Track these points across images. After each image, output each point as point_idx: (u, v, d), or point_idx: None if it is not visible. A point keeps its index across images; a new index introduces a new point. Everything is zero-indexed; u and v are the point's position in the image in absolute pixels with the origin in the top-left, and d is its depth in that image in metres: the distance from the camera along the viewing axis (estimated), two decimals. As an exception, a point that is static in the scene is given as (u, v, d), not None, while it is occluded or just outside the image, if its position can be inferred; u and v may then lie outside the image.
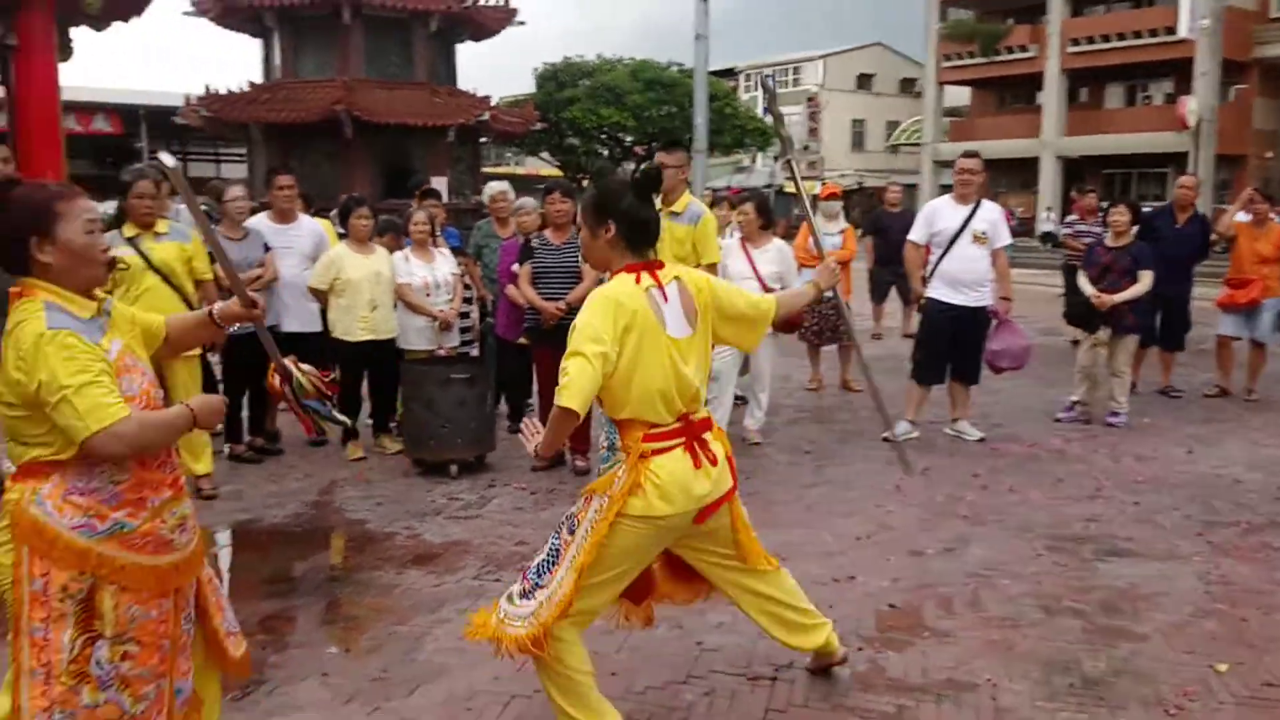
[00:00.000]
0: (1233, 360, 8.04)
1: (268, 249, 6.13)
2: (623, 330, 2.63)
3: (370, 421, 6.55)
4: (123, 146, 37.48)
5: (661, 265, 2.81)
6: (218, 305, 2.74)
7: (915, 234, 6.72)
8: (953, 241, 6.47)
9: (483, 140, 24.72)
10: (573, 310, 5.72)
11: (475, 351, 6.71)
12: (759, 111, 35.86)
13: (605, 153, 31.64)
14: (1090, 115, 37.48)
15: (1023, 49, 37.51)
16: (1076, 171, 34.95)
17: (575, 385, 2.55)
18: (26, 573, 2.17)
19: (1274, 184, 33.53)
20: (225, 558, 4.81)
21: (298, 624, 3.87)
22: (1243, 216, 7.89)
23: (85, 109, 29.57)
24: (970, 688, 3.29)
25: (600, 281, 6.46)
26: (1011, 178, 40.29)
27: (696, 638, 3.65)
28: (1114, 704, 3.16)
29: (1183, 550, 4.53)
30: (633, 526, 2.68)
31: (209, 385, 5.95)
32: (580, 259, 5.83)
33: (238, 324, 2.81)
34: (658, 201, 5.54)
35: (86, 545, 2.20)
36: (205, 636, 2.56)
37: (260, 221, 6.34)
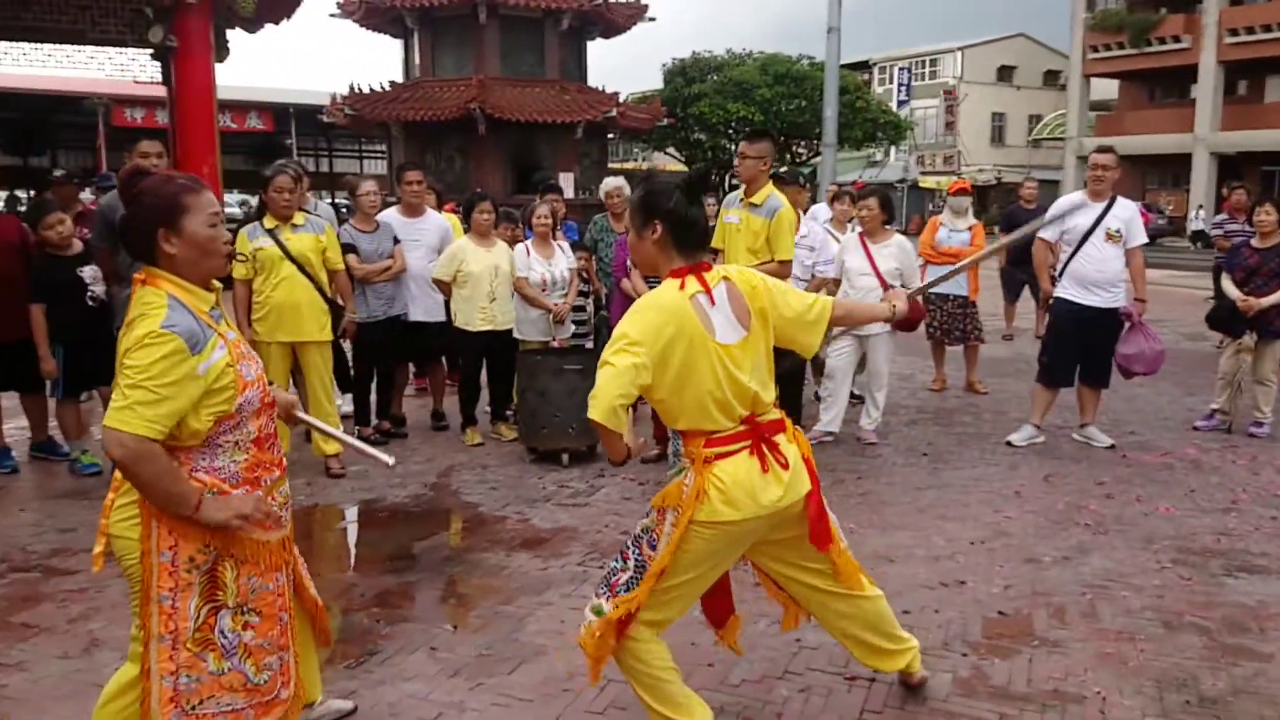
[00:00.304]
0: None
1: (396, 241, 6.38)
2: (666, 343, 2.55)
3: (489, 409, 6.75)
4: (273, 143, 39.37)
5: (709, 267, 2.70)
6: (277, 392, 2.66)
7: (1045, 231, 6.49)
8: (1084, 239, 6.22)
9: (610, 136, 25.02)
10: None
11: (589, 344, 6.83)
12: (893, 104, 35.19)
13: (732, 148, 31.49)
14: (1249, 109, 35.31)
15: (1175, 40, 35.61)
16: (1232, 168, 32.97)
17: (599, 397, 2.48)
18: (155, 545, 2.28)
19: None
20: (351, 534, 5.04)
21: (413, 599, 4.04)
22: None
23: (240, 108, 31.15)
24: (1078, 700, 3.18)
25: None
26: (1162, 174, 38.35)
27: (796, 634, 3.63)
28: (1231, 725, 3.01)
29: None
30: (699, 532, 2.61)
31: (340, 369, 6.22)
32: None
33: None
34: (739, 194, 5.52)
35: None
36: (304, 610, 2.72)
37: (390, 215, 6.61)
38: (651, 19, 24.78)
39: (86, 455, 5.69)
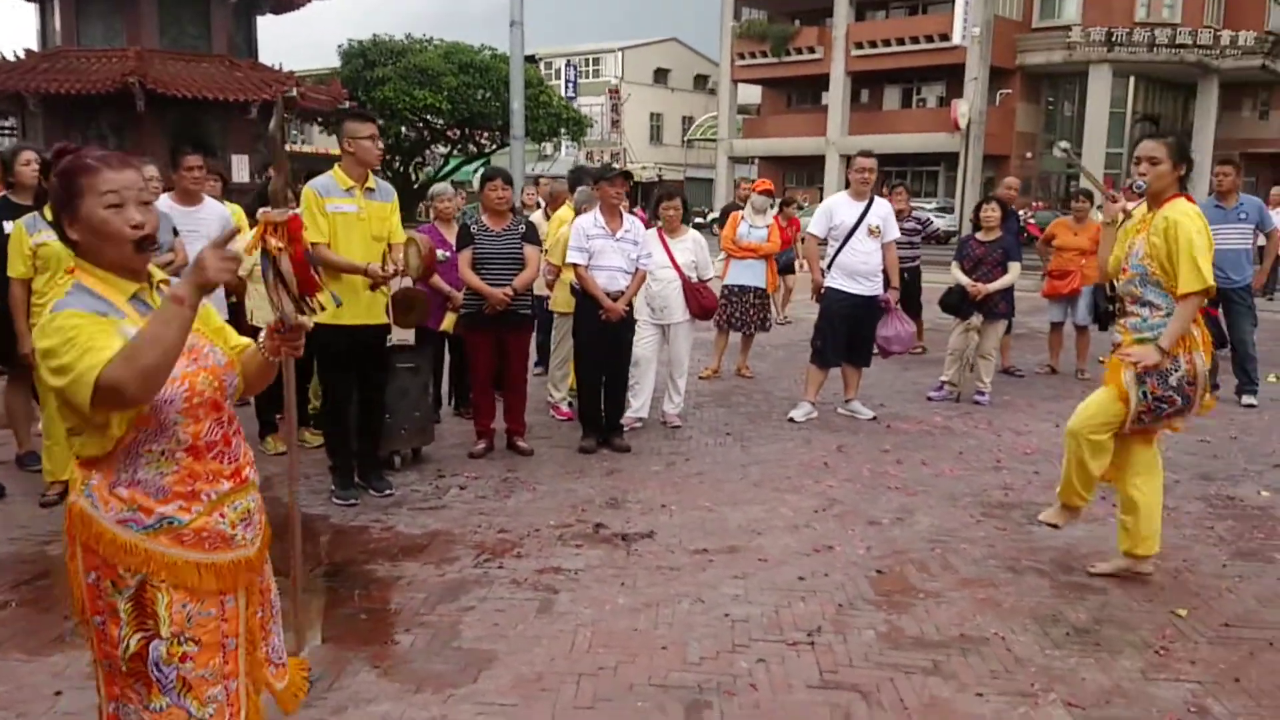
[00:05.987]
0: (1061, 343, 9.00)
1: (176, 233, 5.73)
2: None
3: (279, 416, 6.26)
4: None
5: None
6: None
7: (815, 227, 7.12)
8: (850, 235, 6.89)
9: (287, 117, 23.61)
10: (519, 296, 5.73)
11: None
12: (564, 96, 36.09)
13: (413, 134, 30.84)
14: (871, 116, 40.09)
15: (810, 50, 39.58)
16: (860, 169, 37.19)
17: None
18: (81, 565, 2.09)
19: (1034, 183, 37.11)
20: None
21: (319, 618, 3.73)
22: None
23: None
24: (983, 641, 3.62)
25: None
26: (799, 174, 42.46)
27: (722, 610, 3.82)
28: (1111, 649, 3.56)
29: (1098, 512, 5.06)
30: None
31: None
32: (521, 244, 5.78)
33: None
34: (334, 181, 5.03)
35: (132, 540, 2.06)
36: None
37: (164, 203, 5.91)
38: (325, -2, 23.72)
39: None
